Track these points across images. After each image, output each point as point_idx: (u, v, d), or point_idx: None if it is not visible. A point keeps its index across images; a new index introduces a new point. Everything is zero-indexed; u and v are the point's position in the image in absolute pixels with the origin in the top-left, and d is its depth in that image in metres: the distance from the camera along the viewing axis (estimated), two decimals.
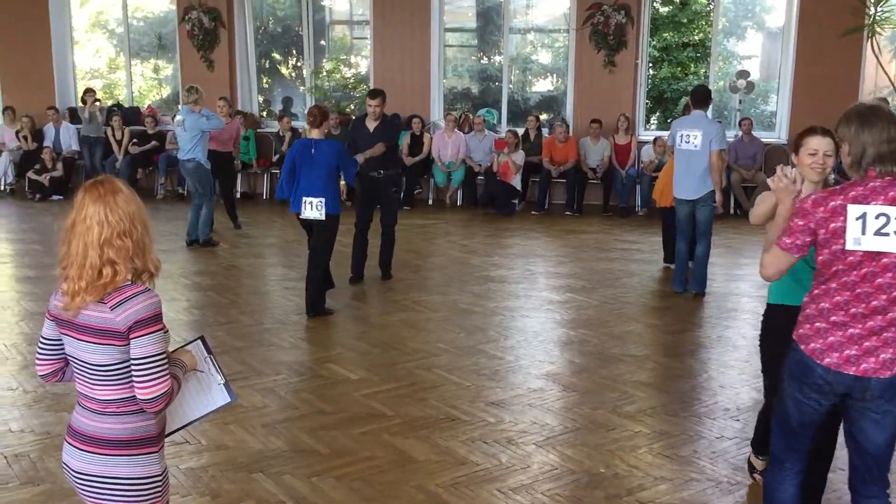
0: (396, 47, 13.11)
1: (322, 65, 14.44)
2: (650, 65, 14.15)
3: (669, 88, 15.68)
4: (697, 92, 7.62)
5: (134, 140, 13.34)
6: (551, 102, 14.45)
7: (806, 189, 3.33)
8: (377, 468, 4.30)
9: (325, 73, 14.27)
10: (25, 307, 7.14)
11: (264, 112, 14.59)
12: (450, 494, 4.04)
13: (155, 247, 2.57)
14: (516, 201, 12.10)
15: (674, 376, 5.70)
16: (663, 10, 15.73)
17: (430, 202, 12.73)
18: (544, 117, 13.73)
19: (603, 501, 4.00)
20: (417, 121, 12.54)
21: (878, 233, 2.82)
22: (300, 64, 14.76)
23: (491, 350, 6.13)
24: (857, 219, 2.83)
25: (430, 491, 4.07)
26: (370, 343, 6.30)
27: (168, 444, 2.73)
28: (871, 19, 10.00)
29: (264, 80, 14.95)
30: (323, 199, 6.70)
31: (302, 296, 7.06)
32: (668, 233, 8.40)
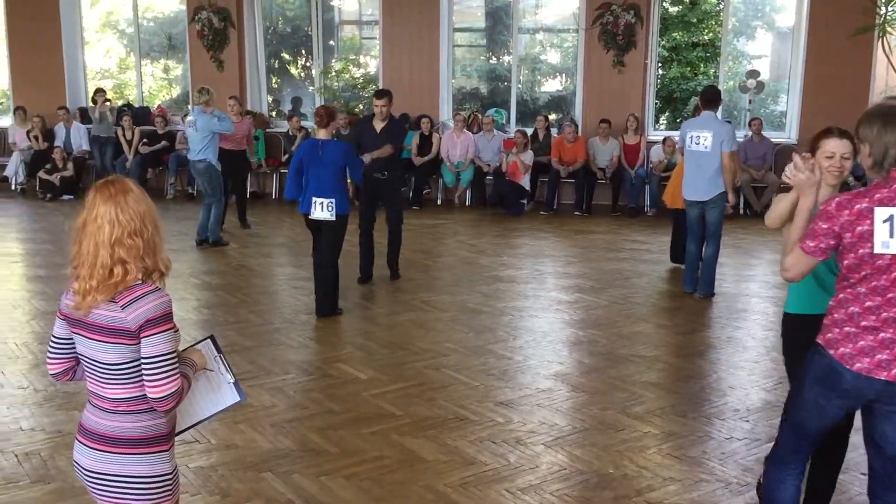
0: (405, 47, 13.12)
1: (331, 65, 14.46)
2: (659, 65, 14.13)
3: (679, 88, 15.64)
4: (707, 92, 7.60)
5: (144, 140, 13.39)
6: (560, 102, 14.43)
7: (823, 193, 3.23)
8: (386, 468, 4.30)
9: (335, 73, 14.29)
10: (36, 306, 7.18)
11: (273, 112, 14.62)
12: (458, 494, 4.04)
13: (165, 246, 2.58)
14: (525, 201, 12.09)
15: (683, 377, 5.69)
16: (673, 10, 15.69)
17: (439, 202, 12.74)
18: (553, 117, 13.71)
19: (612, 502, 4.00)
20: (426, 121, 12.54)
21: None
22: (309, 64, 14.78)
23: (500, 350, 6.13)
24: (885, 221, 2.76)
25: (439, 491, 4.07)
26: (379, 343, 6.31)
27: (178, 443, 2.74)
28: (882, 19, 9.96)
29: (274, 80, 14.99)
30: (333, 200, 6.71)
31: (311, 296, 7.08)
32: (678, 234, 8.36)
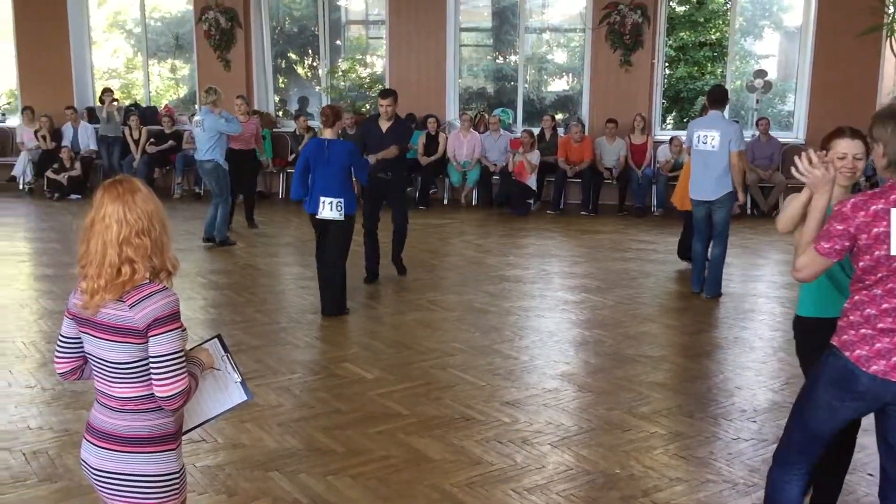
0: (412, 47, 13.13)
1: (338, 64, 14.48)
2: (666, 64, 14.10)
3: (686, 88, 15.61)
4: (714, 92, 7.57)
5: (151, 140, 13.43)
6: (567, 102, 14.42)
7: (835, 193, 3.18)
8: (392, 467, 4.30)
9: (341, 73, 14.31)
10: (44, 305, 7.20)
11: (280, 112, 14.64)
12: (465, 494, 4.04)
13: (172, 246, 2.58)
14: (532, 201, 12.09)
15: (690, 377, 5.68)
16: (680, 10, 15.66)
17: (446, 202, 12.74)
18: (560, 117, 13.70)
19: (618, 502, 3.99)
20: (433, 120, 12.55)
21: None
22: (316, 64, 14.80)
23: (506, 350, 6.13)
24: None
25: (446, 490, 4.07)
26: (385, 342, 6.32)
27: (184, 442, 2.75)
28: (890, 18, 9.94)
29: (280, 80, 15.01)
30: (342, 200, 6.72)
31: (317, 295, 7.08)
32: (687, 234, 8.30)
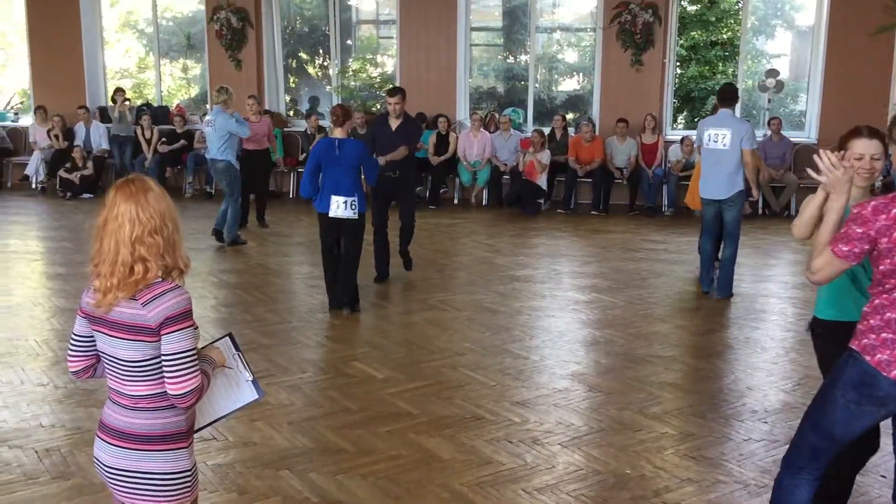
0: (423, 46, 13.14)
1: (348, 64, 14.50)
2: (678, 64, 14.06)
3: (697, 87, 15.57)
4: (724, 90, 7.54)
5: (163, 139, 13.49)
6: (577, 102, 14.40)
7: (853, 194, 3.11)
8: (402, 467, 4.31)
9: (352, 73, 14.33)
10: (56, 304, 7.24)
11: (291, 111, 14.68)
12: (475, 494, 4.04)
13: (184, 244, 2.60)
14: (542, 201, 12.08)
15: (701, 377, 5.66)
16: (691, 9, 15.61)
17: (456, 201, 12.74)
18: (570, 117, 13.68)
19: (629, 502, 3.98)
20: (443, 120, 12.55)
21: None
22: (327, 63, 14.83)
23: (516, 350, 6.13)
24: None
25: (455, 490, 4.08)
26: (395, 342, 6.32)
27: (196, 441, 2.76)
28: None
29: (291, 80, 15.04)
30: (355, 199, 6.75)
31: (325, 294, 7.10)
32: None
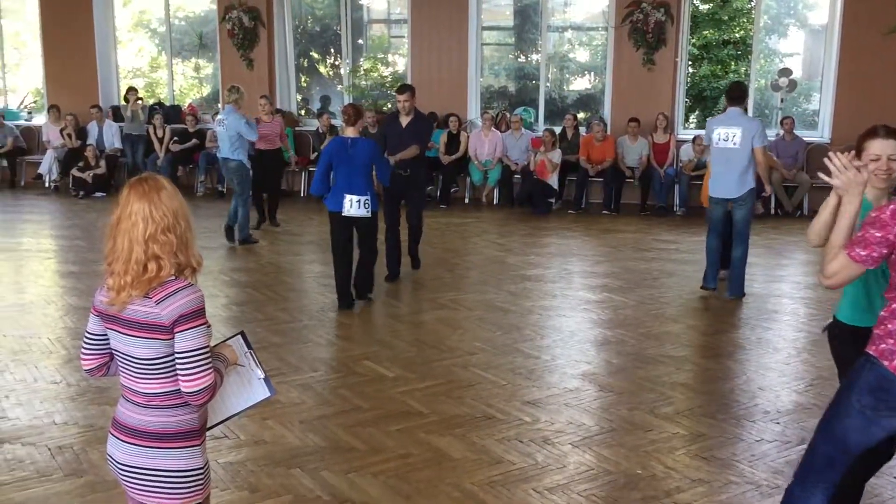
0: (434, 46, 13.14)
1: (360, 63, 14.52)
2: (690, 63, 14.01)
3: (709, 87, 15.51)
4: (733, 89, 7.51)
5: (175, 138, 13.54)
6: (589, 101, 14.37)
7: (870, 197, 3.07)
8: (413, 465, 4.31)
9: (363, 72, 14.35)
10: (69, 302, 7.28)
11: (303, 111, 14.71)
12: (485, 493, 4.04)
13: (196, 243, 2.61)
14: (553, 200, 12.06)
15: (712, 378, 5.64)
16: (703, 8, 15.55)
17: (467, 201, 12.74)
18: (582, 116, 13.65)
19: (639, 503, 3.98)
20: (454, 119, 12.55)
21: None
22: (338, 62, 14.85)
23: (527, 349, 6.12)
24: None
25: (466, 489, 4.08)
26: (406, 341, 6.33)
27: (207, 439, 2.76)
28: None
29: (303, 79, 15.07)
30: (368, 197, 6.78)
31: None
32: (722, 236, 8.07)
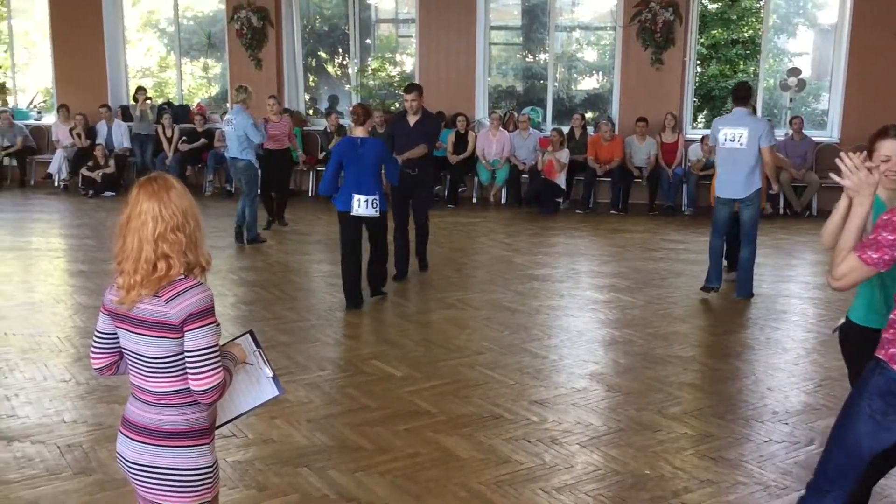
0: (442, 45, 13.14)
1: (368, 63, 14.53)
2: (698, 62, 13.97)
3: (717, 86, 15.47)
4: (738, 89, 7.47)
5: (184, 138, 13.58)
6: (597, 101, 14.35)
7: (883, 199, 3.04)
8: (421, 465, 4.32)
9: (371, 72, 14.35)
10: (79, 301, 7.31)
11: (311, 110, 14.73)
12: (493, 493, 4.04)
13: (205, 242, 2.61)
14: (561, 200, 12.05)
15: (720, 378, 5.63)
16: (712, 7, 15.52)
17: (475, 200, 12.73)
18: (590, 116, 13.64)
19: (647, 503, 3.97)
20: (462, 119, 12.55)
21: None
22: (346, 62, 14.87)
23: (534, 349, 6.12)
24: None
25: (473, 489, 4.08)
26: (414, 340, 6.33)
27: (216, 437, 2.77)
28: None
29: (311, 79, 15.09)
30: (377, 197, 6.80)
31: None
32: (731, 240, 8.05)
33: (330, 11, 15.15)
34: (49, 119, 15.09)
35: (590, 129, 12.68)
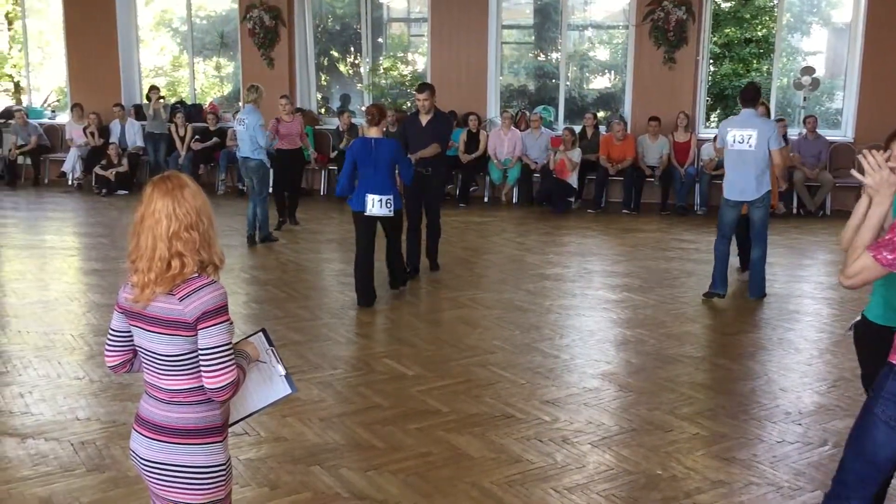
0: (453, 44, 13.13)
1: (379, 62, 14.54)
2: (711, 61, 13.91)
3: (730, 85, 15.39)
4: (746, 90, 7.42)
5: (196, 137, 13.62)
6: (609, 100, 14.31)
7: None
8: (432, 464, 4.32)
9: (383, 71, 14.37)
10: (92, 299, 7.35)
11: (322, 109, 14.75)
12: (504, 492, 4.04)
13: (218, 240, 2.63)
14: (572, 199, 12.02)
15: (733, 378, 5.61)
16: (725, 6, 15.45)
17: (486, 200, 12.73)
18: (602, 115, 13.60)
19: (660, 503, 3.96)
20: (474, 118, 12.54)
21: None
22: (358, 61, 14.88)
23: (546, 348, 6.11)
24: None
25: (485, 488, 4.08)
26: (425, 339, 6.34)
27: (229, 435, 2.78)
28: None
29: (323, 78, 15.11)
30: (391, 197, 6.82)
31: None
32: (742, 240, 7.92)
33: (342, 10, 15.17)
34: (63, 118, 15.18)
35: (602, 129, 12.65)
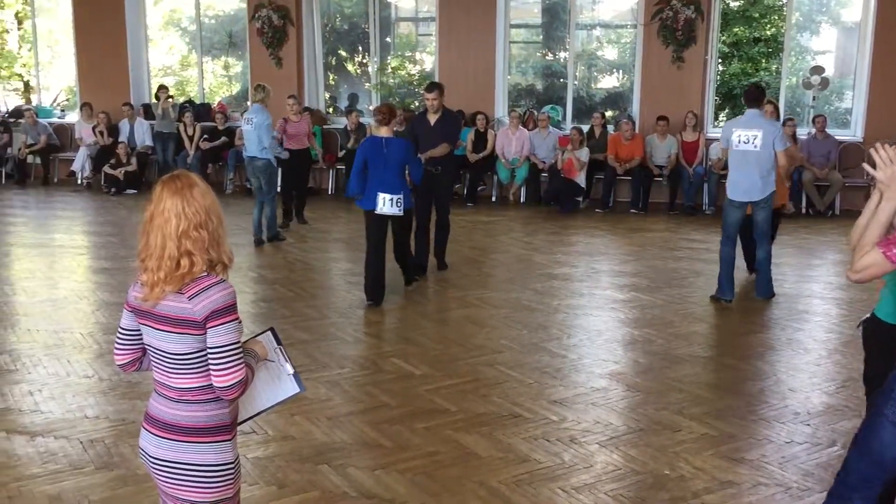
0: (461, 44, 13.13)
1: (387, 61, 14.55)
2: (720, 60, 13.88)
3: (739, 85, 15.34)
4: (750, 91, 7.38)
5: (205, 136, 13.66)
6: (617, 99, 14.29)
7: None
8: (440, 463, 4.32)
9: (391, 70, 14.37)
10: (101, 297, 7.38)
11: (330, 109, 14.77)
12: (511, 492, 4.04)
13: (227, 239, 2.63)
14: (580, 199, 12.01)
15: (741, 378, 5.59)
16: (734, 5, 15.41)
17: (494, 199, 12.72)
18: (610, 114, 13.58)
19: (667, 503, 3.95)
20: (482, 118, 12.54)
21: None
22: (366, 61, 14.90)
23: (554, 348, 6.11)
24: None
25: (493, 487, 4.08)
26: (433, 339, 6.34)
27: (237, 434, 2.78)
28: None
29: (331, 77, 15.13)
30: (401, 196, 6.84)
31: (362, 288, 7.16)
32: (748, 241, 7.84)
33: (350, 10, 15.18)
34: (72, 117, 15.24)
35: (610, 128, 12.63)
